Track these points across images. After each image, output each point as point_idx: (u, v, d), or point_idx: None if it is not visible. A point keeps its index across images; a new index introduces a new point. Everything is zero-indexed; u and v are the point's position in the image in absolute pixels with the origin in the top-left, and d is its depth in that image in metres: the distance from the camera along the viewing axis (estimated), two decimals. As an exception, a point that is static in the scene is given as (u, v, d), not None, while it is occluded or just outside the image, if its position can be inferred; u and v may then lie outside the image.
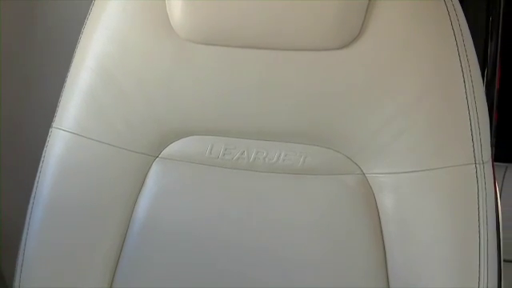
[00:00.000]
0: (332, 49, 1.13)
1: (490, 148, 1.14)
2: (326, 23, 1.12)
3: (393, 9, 1.12)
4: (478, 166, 1.12)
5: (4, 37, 1.49)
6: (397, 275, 1.15)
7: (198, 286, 1.22)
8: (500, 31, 1.50)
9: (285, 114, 1.17)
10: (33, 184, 1.23)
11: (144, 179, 1.22)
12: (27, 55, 1.49)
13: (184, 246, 1.22)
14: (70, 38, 1.24)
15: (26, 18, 1.49)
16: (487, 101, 1.16)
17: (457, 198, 1.13)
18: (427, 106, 1.12)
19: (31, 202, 1.23)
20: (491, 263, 1.12)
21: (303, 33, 1.12)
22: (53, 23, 1.48)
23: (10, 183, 1.46)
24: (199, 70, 1.17)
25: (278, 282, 1.20)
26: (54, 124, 1.23)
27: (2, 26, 1.49)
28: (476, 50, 1.15)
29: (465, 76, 1.12)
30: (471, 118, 1.12)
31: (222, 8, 1.14)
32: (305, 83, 1.15)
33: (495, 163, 1.16)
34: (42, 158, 1.23)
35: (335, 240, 1.18)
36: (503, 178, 1.54)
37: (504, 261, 1.17)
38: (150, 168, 1.21)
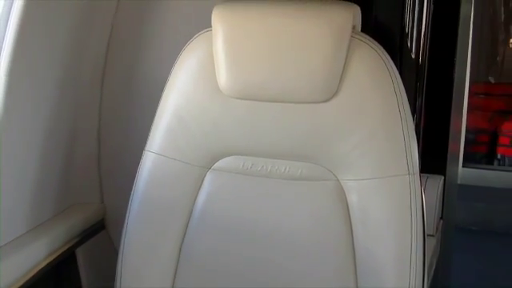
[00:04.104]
0: (319, 102, 1.13)
1: (418, 164, 1.14)
2: (316, 86, 1.13)
3: (356, 78, 1.12)
4: (410, 175, 1.12)
5: (116, 93, 1.50)
6: (359, 245, 1.14)
7: (231, 265, 1.21)
8: (424, 91, 1.50)
9: (289, 142, 1.17)
10: (132, 186, 1.24)
11: (202, 183, 1.21)
12: (132, 103, 1.49)
13: (226, 226, 1.21)
14: (155, 94, 1.24)
15: (131, 83, 1.50)
16: (416, 135, 1.16)
17: (397, 195, 1.13)
18: (379, 138, 1.12)
19: (131, 198, 1.23)
20: (419, 238, 1.12)
21: (302, 92, 1.13)
22: (146, 83, 1.48)
23: (118, 186, 1.46)
24: (236, 115, 1.17)
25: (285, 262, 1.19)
26: (146, 148, 1.23)
27: (114, 86, 1.50)
28: (409, 103, 1.15)
29: (402, 120, 1.12)
30: (406, 145, 1.12)
31: (250, 78, 1.15)
32: (302, 124, 1.15)
33: (421, 174, 1.15)
34: (138, 169, 1.23)
35: (319, 222, 1.17)
36: (425, 183, 1.54)
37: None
38: (205, 176, 1.21)
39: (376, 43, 1.14)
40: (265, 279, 1.19)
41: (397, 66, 1.15)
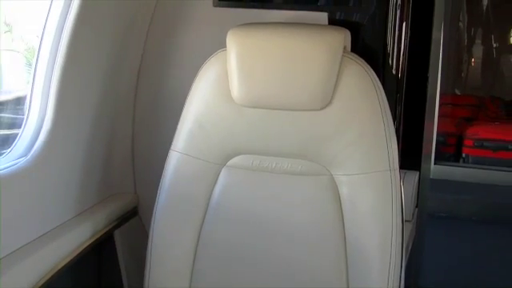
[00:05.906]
0: (315, 110, 1.13)
1: (397, 161, 1.13)
2: (314, 96, 1.13)
3: (347, 90, 1.12)
4: (391, 171, 1.12)
5: (147, 102, 1.49)
6: (349, 229, 1.14)
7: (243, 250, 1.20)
8: (403, 101, 1.51)
9: (291, 143, 1.16)
10: (160, 180, 1.23)
11: (217, 177, 1.20)
12: (159, 110, 1.48)
13: (237, 213, 1.20)
14: (179, 102, 1.23)
15: (160, 93, 1.48)
16: (396, 137, 1.15)
17: (380, 187, 1.12)
18: (365, 139, 1.12)
19: (159, 189, 1.22)
20: (398, 223, 1.11)
21: (302, 101, 1.13)
22: (171, 95, 1.46)
23: (148, 179, 1.44)
24: (247, 120, 1.17)
25: (283, 250, 1.17)
26: (171, 148, 1.22)
27: (145, 97, 1.49)
28: (390, 110, 1.15)
29: (384, 124, 1.12)
30: (387, 146, 1.12)
31: (258, 89, 1.15)
32: (301, 128, 1.15)
33: (400, 170, 1.14)
34: (165, 165, 1.22)
35: (315, 211, 1.16)
36: (403, 177, 1.52)
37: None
38: (220, 171, 1.20)
39: (363, 61, 1.14)
40: (269, 259, 1.18)
41: (380, 80, 1.14)
